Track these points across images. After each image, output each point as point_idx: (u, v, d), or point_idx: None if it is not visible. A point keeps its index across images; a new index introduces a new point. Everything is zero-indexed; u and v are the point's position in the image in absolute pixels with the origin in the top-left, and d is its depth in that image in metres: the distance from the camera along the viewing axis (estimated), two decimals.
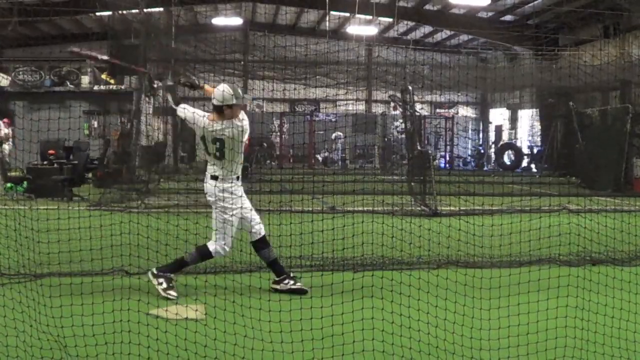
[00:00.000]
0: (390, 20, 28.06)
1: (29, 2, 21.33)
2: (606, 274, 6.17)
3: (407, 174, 16.76)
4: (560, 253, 8.01)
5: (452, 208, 13.39)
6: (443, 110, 34.83)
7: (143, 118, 17.97)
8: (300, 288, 6.48)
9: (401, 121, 23.63)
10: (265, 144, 29.86)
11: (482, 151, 33.08)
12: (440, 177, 16.38)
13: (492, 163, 31.29)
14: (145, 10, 17.96)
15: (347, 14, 27.09)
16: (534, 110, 29.82)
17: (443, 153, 32.07)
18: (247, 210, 6.38)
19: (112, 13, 18.80)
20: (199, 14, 27.50)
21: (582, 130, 20.36)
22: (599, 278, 5.99)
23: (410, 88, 15.74)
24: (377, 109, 33.76)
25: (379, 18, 27.11)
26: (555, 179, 21.79)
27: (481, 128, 36.23)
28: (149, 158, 18.56)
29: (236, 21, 28.33)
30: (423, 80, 22.01)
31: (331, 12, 26.66)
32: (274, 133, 31.67)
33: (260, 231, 6.42)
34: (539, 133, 28.14)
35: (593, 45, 24.03)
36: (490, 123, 35.49)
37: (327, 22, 29.08)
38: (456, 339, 4.80)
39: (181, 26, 24.99)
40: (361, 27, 28.70)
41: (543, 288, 5.66)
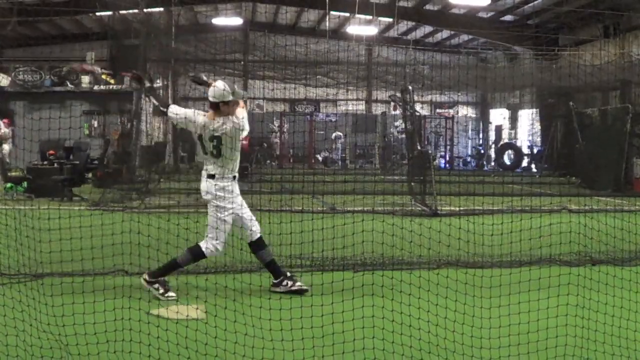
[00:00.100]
0: (390, 20, 28.05)
1: (29, 2, 21.34)
2: (606, 273, 6.17)
3: (407, 174, 16.76)
4: (560, 252, 8.01)
5: (452, 208, 13.39)
6: (443, 110, 34.81)
7: (143, 118, 17.99)
8: (299, 288, 6.45)
9: (401, 121, 23.67)
10: (265, 144, 29.87)
11: (482, 151, 33.06)
12: (440, 177, 16.39)
13: (492, 163, 31.28)
14: (145, 10, 17.95)
15: (347, 14, 27.10)
16: (534, 110, 29.81)
17: (443, 153, 32.07)
18: (244, 211, 6.34)
19: (112, 13, 18.82)
20: (199, 14, 27.53)
21: (582, 130, 20.35)
22: (599, 277, 5.99)
23: (410, 88, 15.76)
24: (377, 109, 33.74)
25: (379, 18, 27.09)
26: (555, 179, 21.80)
27: (481, 128, 36.21)
28: (149, 158, 18.59)
29: (236, 21, 28.33)
30: (423, 80, 22.06)
31: (331, 12, 26.69)
32: (274, 133, 31.66)
33: (257, 232, 6.40)
34: (539, 133, 28.13)
35: (593, 45, 24.04)
36: (490, 123, 35.47)
37: (327, 22, 29.09)
38: (456, 338, 4.80)
39: (181, 26, 25.02)
40: (361, 27, 28.68)
41: (543, 287, 5.67)
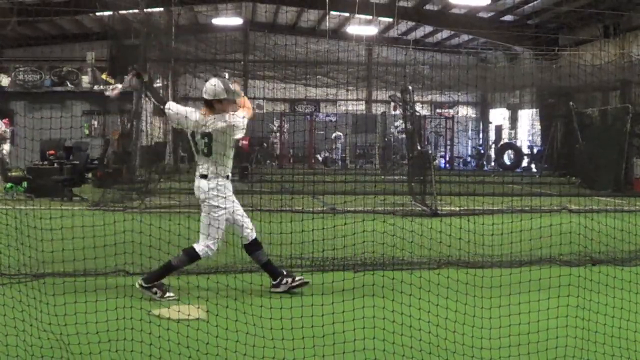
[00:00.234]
0: (390, 20, 28.06)
1: (29, 2, 21.33)
2: (606, 274, 6.17)
3: (407, 174, 16.76)
4: (560, 253, 8.01)
5: (452, 208, 13.40)
6: (443, 110, 34.82)
7: (143, 118, 17.99)
8: (301, 282, 6.44)
9: (401, 121, 23.66)
10: (265, 144, 29.87)
11: (482, 151, 33.07)
12: (440, 177, 16.39)
13: (492, 163, 31.29)
14: (145, 10, 17.97)
15: (347, 14, 27.12)
16: (534, 110, 29.83)
17: (443, 153, 32.08)
18: (237, 212, 6.31)
19: (112, 13, 18.80)
20: (199, 14, 27.52)
21: (582, 130, 20.36)
22: (600, 278, 5.99)
23: (410, 88, 15.75)
24: (377, 109, 33.75)
25: (379, 18, 27.11)
26: (555, 179, 21.80)
27: (481, 128, 36.23)
28: (149, 158, 18.58)
29: (236, 21, 28.33)
30: (423, 80, 22.04)
31: (331, 12, 26.70)
32: (274, 133, 31.66)
33: (252, 234, 6.38)
34: (539, 133, 28.14)
35: (593, 45, 24.05)
36: (490, 123, 35.49)
37: (327, 22, 29.10)
38: (457, 338, 4.81)
39: (181, 26, 25.02)
40: (361, 27, 28.68)
41: (543, 287, 5.67)
